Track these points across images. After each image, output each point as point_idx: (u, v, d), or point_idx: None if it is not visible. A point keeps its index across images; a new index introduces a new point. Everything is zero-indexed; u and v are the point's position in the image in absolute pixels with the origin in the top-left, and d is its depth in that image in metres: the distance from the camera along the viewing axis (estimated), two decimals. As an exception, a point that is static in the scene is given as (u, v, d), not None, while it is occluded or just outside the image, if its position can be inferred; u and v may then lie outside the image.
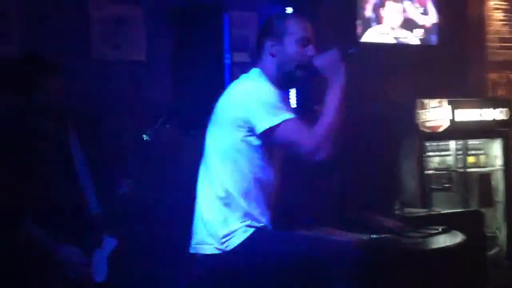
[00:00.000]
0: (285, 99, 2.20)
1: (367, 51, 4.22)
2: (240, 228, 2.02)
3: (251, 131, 2.02)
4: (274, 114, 1.96)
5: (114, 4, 3.68)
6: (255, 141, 2.04)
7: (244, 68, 2.37)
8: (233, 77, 3.45)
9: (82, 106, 3.28)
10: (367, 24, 4.49)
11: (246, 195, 2.03)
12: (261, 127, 1.97)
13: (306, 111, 3.85)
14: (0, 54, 3.13)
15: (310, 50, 2.12)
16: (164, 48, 3.58)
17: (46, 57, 2.61)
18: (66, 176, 2.58)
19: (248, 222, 2.03)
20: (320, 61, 2.08)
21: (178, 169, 3.29)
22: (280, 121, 1.95)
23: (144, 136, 2.69)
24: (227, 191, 2.03)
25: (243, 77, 2.17)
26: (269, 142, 2.02)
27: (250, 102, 1.98)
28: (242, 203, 2.03)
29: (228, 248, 2.00)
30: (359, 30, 4.43)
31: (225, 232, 2.01)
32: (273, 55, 2.12)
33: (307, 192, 3.20)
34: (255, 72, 2.15)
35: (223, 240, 2.00)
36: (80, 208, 2.58)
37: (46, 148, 2.56)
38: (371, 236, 2.94)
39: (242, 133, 2.02)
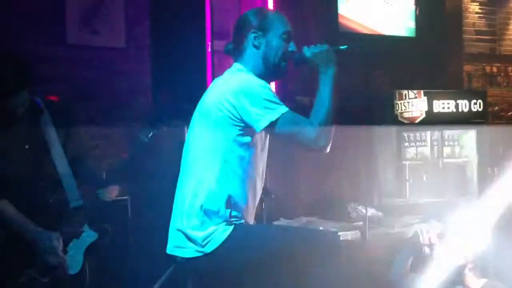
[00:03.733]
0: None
1: (347, 42, 4.30)
2: (219, 227, 1.97)
3: (246, 129, 1.97)
4: (271, 109, 1.93)
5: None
6: (249, 139, 2.00)
7: (226, 57, 2.31)
8: (214, 65, 3.44)
9: (56, 93, 3.20)
10: (346, 15, 4.50)
11: (234, 195, 1.99)
12: (260, 125, 1.92)
13: (288, 101, 3.87)
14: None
15: (292, 46, 2.13)
16: (144, 34, 3.51)
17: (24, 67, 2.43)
18: (41, 166, 2.48)
19: (225, 221, 1.98)
20: (313, 51, 2.06)
21: (161, 163, 3.25)
22: (279, 115, 1.93)
23: (142, 137, 2.60)
24: (211, 193, 1.98)
25: (229, 73, 2.10)
26: (271, 136, 2.02)
27: (244, 100, 1.94)
28: (227, 203, 1.98)
29: (209, 250, 1.95)
30: (339, 19, 4.44)
31: (204, 234, 1.96)
32: (256, 47, 2.09)
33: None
34: (239, 67, 2.10)
35: (204, 242, 1.96)
36: (56, 200, 2.50)
37: (20, 134, 2.46)
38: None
39: (236, 131, 1.97)
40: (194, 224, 1.98)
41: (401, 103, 4.41)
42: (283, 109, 1.95)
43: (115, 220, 2.63)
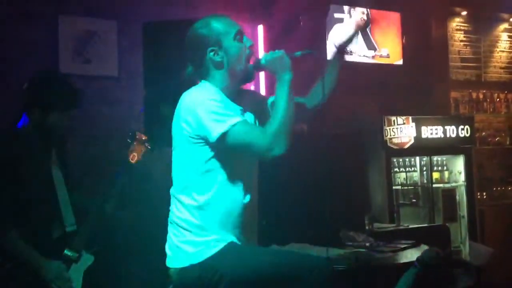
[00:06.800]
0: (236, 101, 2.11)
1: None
2: (208, 242, 2.01)
3: (206, 143, 2.01)
4: (221, 122, 1.94)
5: (86, 18, 3.64)
6: (213, 154, 2.03)
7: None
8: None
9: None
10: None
11: (209, 213, 2.02)
12: (212, 137, 1.96)
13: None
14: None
15: (248, 40, 2.11)
16: (136, 63, 3.55)
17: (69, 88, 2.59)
18: (47, 193, 2.53)
19: (216, 237, 2.02)
20: (266, 58, 2.07)
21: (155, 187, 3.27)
22: (229, 127, 1.94)
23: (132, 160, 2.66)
24: (191, 208, 2.03)
25: (192, 89, 2.12)
26: (226, 148, 2.00)
27: (197, 115, 1.97)
28: (207, 220, 2.02)
29: (197, 261, 1.99)
30: (328, 48, 4.53)
31: (193, 246, 2.01)
32: (219, 63, 2.07)
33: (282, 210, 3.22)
34: (203, 83, 2.12)
35: (194, 251, 2.01)
36: (55, 225, 2.53)
37: (34, 166, 2.52)
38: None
39: (200, 147, 2.01)
40: (184, 236, 2.04)
41: (390, 129, 4.48)
42: (234, 120, 1.95)
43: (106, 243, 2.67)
